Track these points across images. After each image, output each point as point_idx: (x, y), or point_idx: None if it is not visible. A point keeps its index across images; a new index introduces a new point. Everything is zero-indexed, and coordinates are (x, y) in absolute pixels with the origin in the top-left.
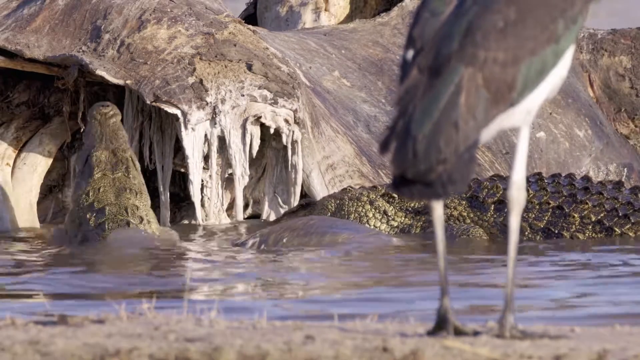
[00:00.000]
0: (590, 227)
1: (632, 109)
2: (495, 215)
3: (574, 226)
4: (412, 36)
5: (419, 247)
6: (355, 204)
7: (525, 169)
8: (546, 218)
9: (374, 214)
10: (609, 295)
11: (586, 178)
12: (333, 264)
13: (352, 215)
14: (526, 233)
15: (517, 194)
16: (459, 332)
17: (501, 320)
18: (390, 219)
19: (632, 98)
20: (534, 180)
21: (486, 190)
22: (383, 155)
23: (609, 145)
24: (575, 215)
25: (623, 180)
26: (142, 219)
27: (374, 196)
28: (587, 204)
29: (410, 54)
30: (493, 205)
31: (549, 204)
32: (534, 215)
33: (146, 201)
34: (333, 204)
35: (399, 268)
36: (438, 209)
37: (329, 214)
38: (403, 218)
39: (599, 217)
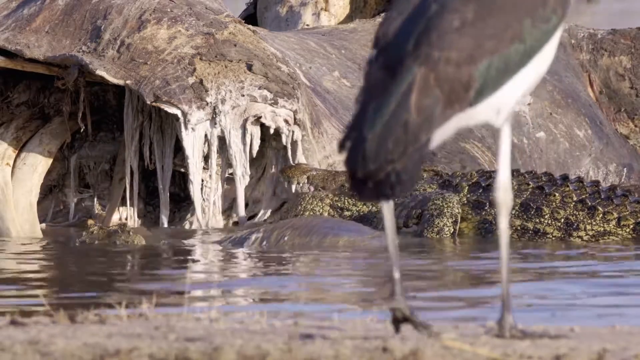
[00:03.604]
0: None
1: (632, 109)
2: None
3: None
4: (377, 35)
5: (420, 247)
6: (308, 201)
7: (510, 170)
8: None
9: (327, 211)
10: None
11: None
12: (333, 264)
13: (307, 212)
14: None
15: (504, 196)
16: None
17: (500, 321)
18: (345, 210)
19: (632, 98)
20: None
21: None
22: (340, 154)
23: (608, 145)
24: None
25: (623, 180)
26: None
27: (324, 194)
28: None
29: (374, 53)
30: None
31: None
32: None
33: None
34: (299, 203)
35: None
36: (388, 212)
37: (301, 211)
38: (361, 206)
39: None
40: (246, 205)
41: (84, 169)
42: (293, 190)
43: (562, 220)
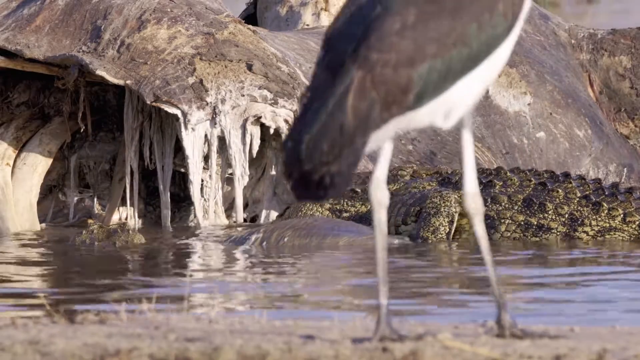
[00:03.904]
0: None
1: (632, 109)
2: None
3: None
4: (325, 36)
5: (420, 248)
6: (309, 206)
7: (476, 176)
8: None
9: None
10: None
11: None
12: (333, 265)
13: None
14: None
15: (474, 205)
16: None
17: (499, 321)
18: (343, 212)
19: (632, 98)
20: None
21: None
22: (282, 154)
23: (608, 145)
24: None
25: (623, 180)
26: None
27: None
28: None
29: (321, 53)
30: None
31: None
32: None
33: None
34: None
35: (397, 269)
36: (380, 240)
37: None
38: (360, 207)
39: None
40: (246, 205)
41: (84, 169)
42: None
43: (567, 215)
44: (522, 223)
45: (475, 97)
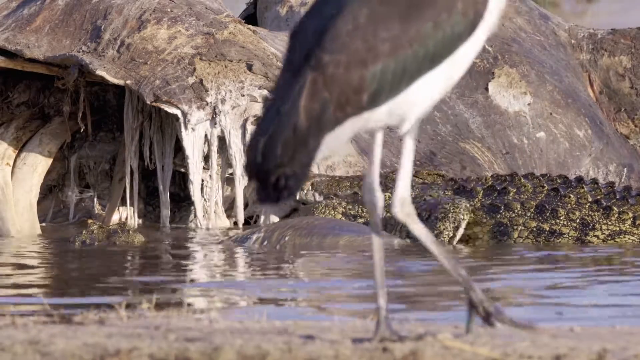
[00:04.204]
0: None
1: (632, 109)
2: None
3: None
4: (290, 37)
5: (419, 249)
6: (321, 210)
7: (410, 183)
8: None
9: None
10: None
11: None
12: (332, 265)
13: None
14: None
15: (402, 211)
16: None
17: (469, 301)
18: (357, 217)
19: (632, 98)
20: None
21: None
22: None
23: (608, 145)
24: None
25: (623, 180)
26: None
27: (337, 202)
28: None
29: (285, 54)
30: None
31: None
32: None
33: None
34: (317, 210)
35: (396, 270)
36: (377, 242)
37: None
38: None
39: None
40: (246, 205)
41: (84, 169)
42: (297, 197)
43: (578, 220)
44: (535, 229)
45: (435, 97)
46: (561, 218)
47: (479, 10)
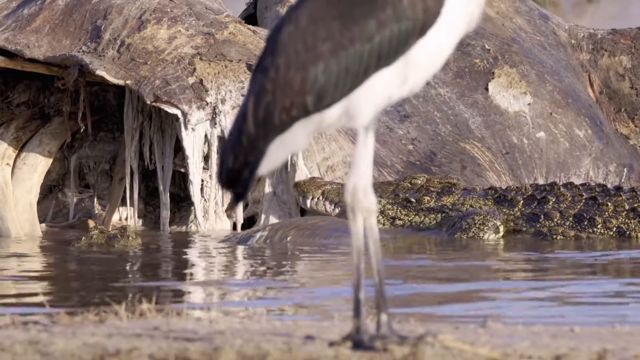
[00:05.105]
0: None
1: (632, 109)
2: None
3: None
4: (265, 41)
5: (420, 249)
6: None
7: (363, 174)
8: None
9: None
10: None
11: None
12: (332, 266)
13: None
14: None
15: (353, 200)
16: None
17: (378, 319)
18: (396, 219)
19: (632, 98)
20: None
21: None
22: None
23: (609, 145)
24: None
25: (623, 180)
26: None
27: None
28: None
29: (257, 59)
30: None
31: None
32: None
33: None
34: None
35: (395, 271)
36: (356, 231)
37: None
38: (414, 216)
39: None
40: (246, 205)
41: (84, 169)
42: (308, 206)
43: (614, 229)
44: (574, 238)
45: (393, 97)
46: (599, 227)
47: (429, 8)
